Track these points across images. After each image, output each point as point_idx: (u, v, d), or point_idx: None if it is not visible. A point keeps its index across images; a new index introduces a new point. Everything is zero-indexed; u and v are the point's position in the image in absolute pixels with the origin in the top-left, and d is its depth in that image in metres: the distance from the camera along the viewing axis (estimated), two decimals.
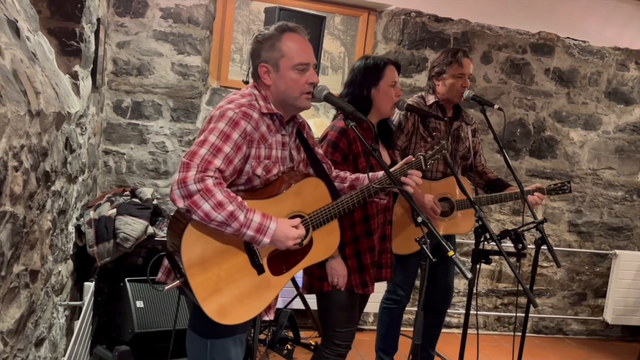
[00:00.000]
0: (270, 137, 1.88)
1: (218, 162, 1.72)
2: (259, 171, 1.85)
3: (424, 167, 2.12)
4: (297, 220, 1.87)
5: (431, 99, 3.00)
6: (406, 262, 2.96)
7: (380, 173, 2.09)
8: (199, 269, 1.75)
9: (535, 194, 3.01)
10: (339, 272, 2.34)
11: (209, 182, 1.67)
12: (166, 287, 1.83)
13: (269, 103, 1.89)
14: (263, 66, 1.87)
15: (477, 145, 3.19)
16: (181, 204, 1.67)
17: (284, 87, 1.87)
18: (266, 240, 1.76)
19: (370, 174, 2.15)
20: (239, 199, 1.73)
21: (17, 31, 1.89)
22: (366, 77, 2.44)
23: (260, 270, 1.87)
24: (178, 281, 1.78)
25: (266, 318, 2.02)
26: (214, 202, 1.66)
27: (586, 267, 4.62)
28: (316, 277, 2.41)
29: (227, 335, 1.88)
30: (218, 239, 1.77)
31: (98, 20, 2.93)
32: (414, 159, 2.13)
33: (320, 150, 2.16)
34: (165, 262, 1.93)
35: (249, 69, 1.99)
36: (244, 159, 1.81)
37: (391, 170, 2.07)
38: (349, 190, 2.10)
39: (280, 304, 3.49)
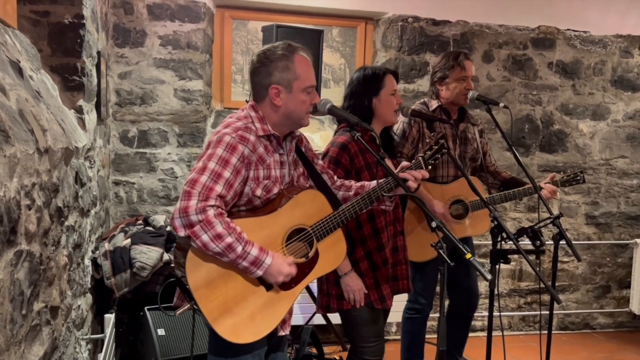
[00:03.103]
0: (268, 157, 1.89)
1: (219, 189, 1.74)
2: (259, 192, 1.87)
3: (424, 169, 2.09)
4: (292, 259, 1.89)
5: (434, 104, 2.98)
6: (425, 269, 2.93)
7: (382, 179, 2.06)
8: (206, 290, 1.76)
9: (546, 184, 2.98)
10: (353, 288, 2.32)
11: (210, 213, 1.70)
12: (177, 312, 1.84)
13: (266, 124, 1.90)
14: (275, 88, 1.88)
15: (485, 146, 3.16)
16: (182, 232, 1.71)
17: (294, 107, 1.90)
18: (259, 272, 1.80)
19: (372, 181, 2.14)
20: (238, 229, 1.75)
21: (20, 71, 1.91)
22: (366, 87, 2.43)
23: (268, 286, 1.87)
24: (188, 305, 1.79)
25: (282, 333, 2.01)
26: (213, 234, 1.70)
27: (608, 259, 4.55)
28: (334, 296, 2.39)
29: (246, 353, 1.89)
30: (221, 260, 1.78)
31: (98, 53, 2.96)
32: (413, 162, 2.10)
33: (320, 162, 2.16)
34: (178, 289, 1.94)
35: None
36: (243, 181, 1.83)
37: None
38: (354, 198, 2.10)
39: (301, 321, 3.46)
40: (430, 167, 2.10)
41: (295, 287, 1.93)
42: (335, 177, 2.19)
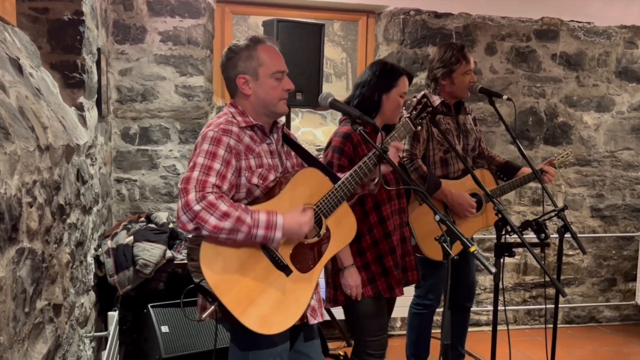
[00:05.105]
0: (256, 147, 1.91)
1: (213, 179, 1.77)
2: (255, 180, 1.88)
3: (414, 129, 2.15)
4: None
5: (437, 100, 2.94)
6: (439, 267, 2.91)
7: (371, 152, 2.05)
8: (226, 286, 1.74)
9: (545, 167, 2.99)
10: (350, 283, 2.32)
11: (211, 197, 1.72)
12: (203, 316, 1.81)
13: (247, 116, 1.93)
14: (241, 77, 1.92)
15: (479, 132, 3.17)
16: (190, 226, 1.71)
17: (264, 94, 1.92)
18: (278, 234, 1.77)
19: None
20: (243, 205, 1.78)
21: (20, 68, 1.90)
22: (380, 81, 2.44)
23: (287, 271, 1.85)
24: (212, 307, 1.76)
25: (313, 322, 1.99)
26: (220, 214, 1.70)
27: (613, 252, 4.52)
28: (340, 289, 2.38)
29: (267, 347, 1.88)
30: (234, 251, 1.77)
31: (98, 50, 2.94)
32: (401, 124, 2.14)
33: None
34: (199, 300, 1.94)
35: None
36: (237, 172, 1.85)
37: (377, 144, 2.02)
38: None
39: None
40: (419, 126, 2.17)
41: (314, 267, 1.92)
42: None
